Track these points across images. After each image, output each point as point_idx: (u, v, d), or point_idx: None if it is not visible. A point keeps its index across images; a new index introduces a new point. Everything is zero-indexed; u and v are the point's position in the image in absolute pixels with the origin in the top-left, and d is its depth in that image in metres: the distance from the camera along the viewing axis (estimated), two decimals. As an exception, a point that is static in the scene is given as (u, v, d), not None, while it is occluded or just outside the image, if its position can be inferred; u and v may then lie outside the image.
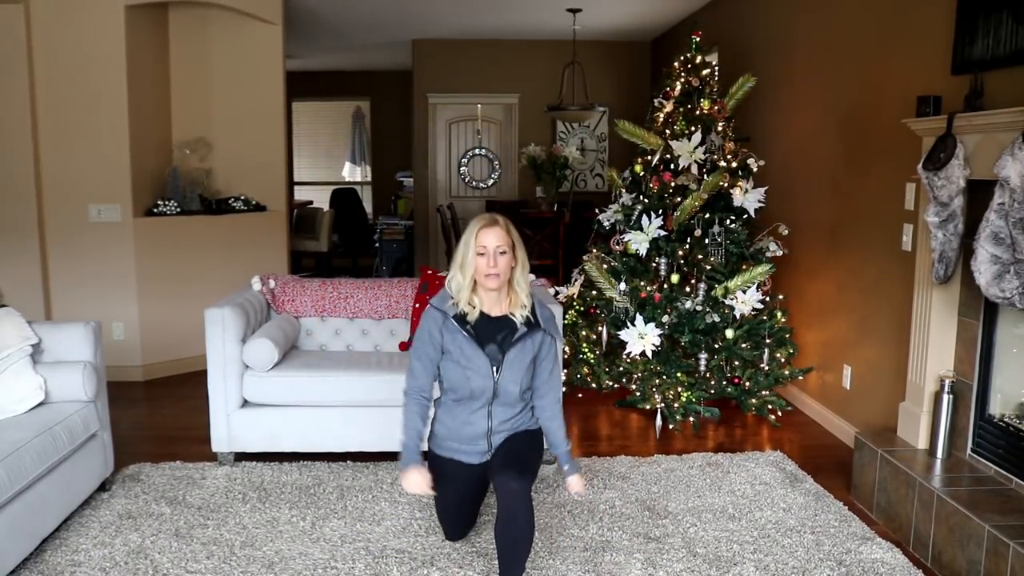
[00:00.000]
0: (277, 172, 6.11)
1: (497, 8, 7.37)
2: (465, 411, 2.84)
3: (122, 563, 2.99)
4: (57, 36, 5.09)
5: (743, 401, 4.73)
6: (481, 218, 2.76)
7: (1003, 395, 3.24)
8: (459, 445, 2.89)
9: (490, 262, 2.69)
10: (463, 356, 2.77)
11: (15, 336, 3.31)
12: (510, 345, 2.77)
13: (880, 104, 4.05)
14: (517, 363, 2.78)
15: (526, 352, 2.79)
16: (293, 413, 3.90)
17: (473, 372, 2.76)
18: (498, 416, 2.84)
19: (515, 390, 2.79)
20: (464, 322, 2.78)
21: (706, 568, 2.99)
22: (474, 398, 2.81)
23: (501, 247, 2.70)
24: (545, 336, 2.84)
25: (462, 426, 2.86)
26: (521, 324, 2.79)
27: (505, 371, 2.77)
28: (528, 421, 2.94)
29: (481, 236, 2.70)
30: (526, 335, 2.79)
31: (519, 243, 2.79)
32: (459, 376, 2.79)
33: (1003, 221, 2.79)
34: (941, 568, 3.01)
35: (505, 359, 2.77)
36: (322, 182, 12.37)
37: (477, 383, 2.77)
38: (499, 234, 2.71)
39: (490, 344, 2.78)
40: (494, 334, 2.79)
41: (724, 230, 4.70)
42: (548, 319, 2.86)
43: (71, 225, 5.26)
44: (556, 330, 2.90)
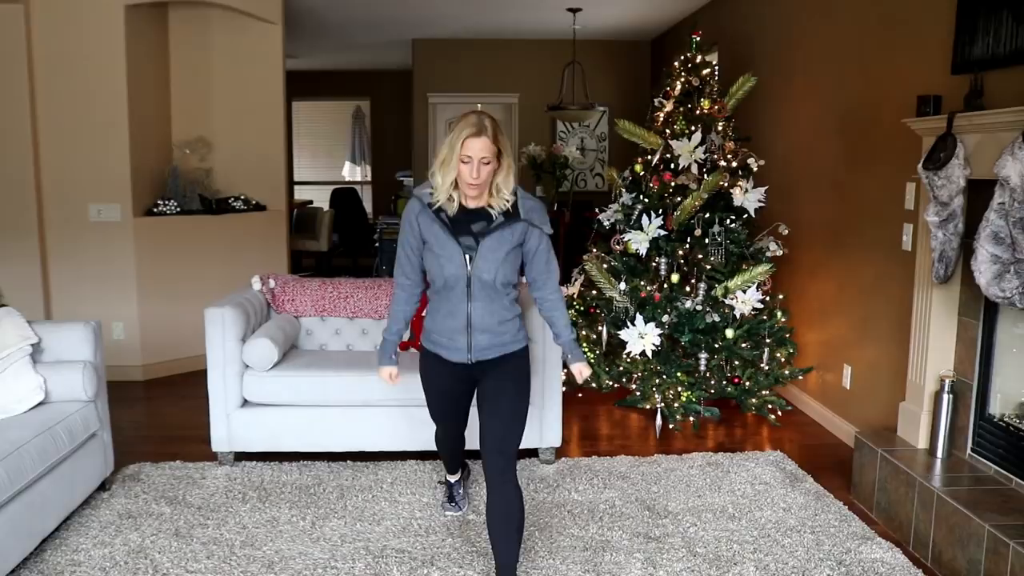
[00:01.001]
0: (277, 172, 6.10)
1: (497, 8, 7.37)
2: (446, 303, 2.80)
3: (122, 563, 2.99)
4: (57, 36, 5.09)
5: (743, 401, 4.73)
6: (469, 123, 2.62)
7: (1003, 395, 3.24)
8: (441, 338, 2.84)
9: (473, 172, 2.62)
10: (437, 244, 2.73)
11: (15, 336, 3.31)
12: (485, 234, 2.71)
13: (880, 104, 4.05)
14: (491, 253, 2.71)
15: (503, 242, 2.73)
16: (293, 413, 3.90)
17: (446, 260, 2.72)
18: (478, 310, 2.76)
19: (489, 279, 2.72)
20: (440, 211, 2.74)
21: (706, 568, 2.99)
22: (450, 288, 2.76)
23: (486, 158, 2.61)
24: (530, 228, 2.75)
25: (444, 318, 2.81)
26: (499, 215, 2.73)
27: (479, 260, 2.71)
28: (514, 335, 2.85)
29: (467, 144, 2.60)
30: (503, 225, 2.72)
31: (506, 148, 2.69)
32: (435, 264, 2.75)
33: (1003, 221, 2.79)
34: (941, 568, 3.01)
35: (479, 248, 2.71)
36: (322, 182, 12.37)
37: (450, 270, 2.72)
38: (485, 144, 2.60)
39: (465, 233, 2.73)
40: (470, 224, 2.73)
41: (724, 230, 4.70)
42: (531, 209, 2.77)
43: (71, 225, 5.26)
44: (542, 220, 2.79)
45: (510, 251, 2.74)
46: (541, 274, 2.84)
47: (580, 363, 2.87)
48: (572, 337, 2.87)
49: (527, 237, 2.77)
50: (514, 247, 2.75)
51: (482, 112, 2.72)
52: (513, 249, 2.75)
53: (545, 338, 3.84)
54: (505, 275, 2.75)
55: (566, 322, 2.88)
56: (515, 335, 2.85)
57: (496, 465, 2.70)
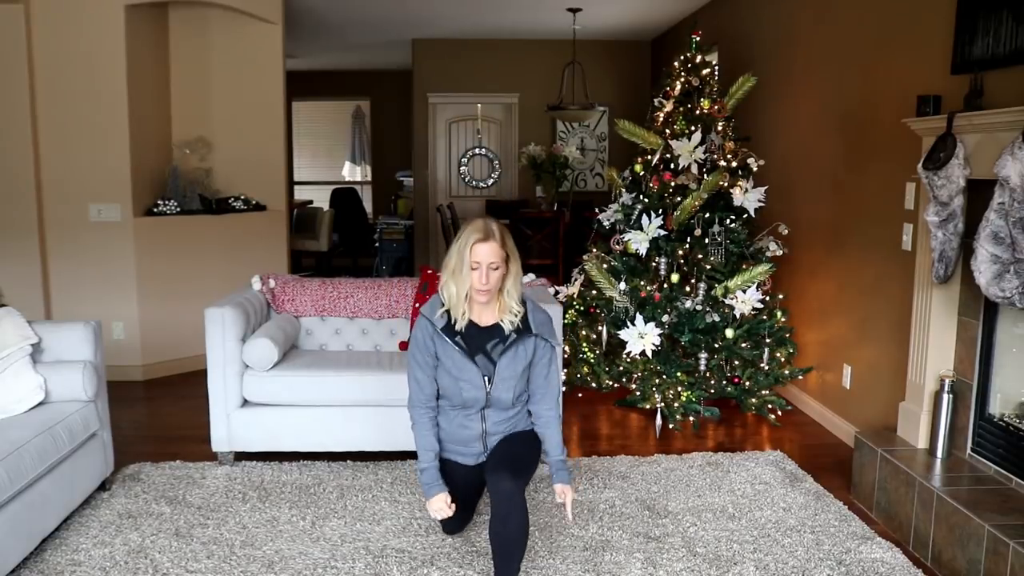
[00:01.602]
0: (277, 172, 6.10)
1: (497, 8, 7.37)
2: (460, 416, 2.86)
3: (122, 562, 2.99)
4: (57, 36, 5.09)
5: (743, 401, 4.73)
6: (476, 228, 2.68)
7: (1003, 395, 3.24)
8: (455, 447, 2.91)
9: (482, 278, 2.66)
10: (455, 367, 2.77)
11: (15, 335, 3.31)
12: (500, 354, 2.76)
13: (880, 104, 4.05)
14: (508, 371, 2.77)
15: (518, 359, 2.78)
16: (293, 413, 3.90)
17: (465, 383, 2.77)
18: (492, 420, 2.85)
19: (508, 398, 2.80)
20: (454, 333, 2.76)
21: (706, 568, 2.99)
22: (467, 406, 2.82)
23: (494, 263, 2.66)
24: (539, 341, 2.81)
25: (458, 429, 2.87)
26: (511, 331, 2.77)
27: (497, 380, 2.77)
28: (524, 422, 2.94)
29: (476, 250, 2.65)
30: (516, 341, 2.77)
31: (513, 253, 2.74)
32: (452, 386, 2.80)
33: (1003, 221, 2.79)
34: (941, 568, 3.01)
35: (496, 368, 2.76)
36: (322, 182, 12.37)
37: (469, 393, 2.78)
38: (493, 249, 2.65)
39: (480, 354, 2.77)
40: (484, 343, 2.77)
41: (724, 230, 4.70)
42: (542, 323, 2.82)
43: (71, 225, 5.26)
44: (552, 334, 2.84)
45: (526, 367, 2.80)
46: (539, 387, 2.87)
47: (564, 485, 2.83)
48: (562, 458, 2.86)
49: (535, 349, 2.82)
50: (528, 362, 2.80)
51: (487, 217, 2.77)
52: (527, 365, 2.81)
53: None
54: (521, 389, 2.84)
55: (558, 441, 2.88)
56: (525, 422, 2.94)
57: (504, 482, 2.62)
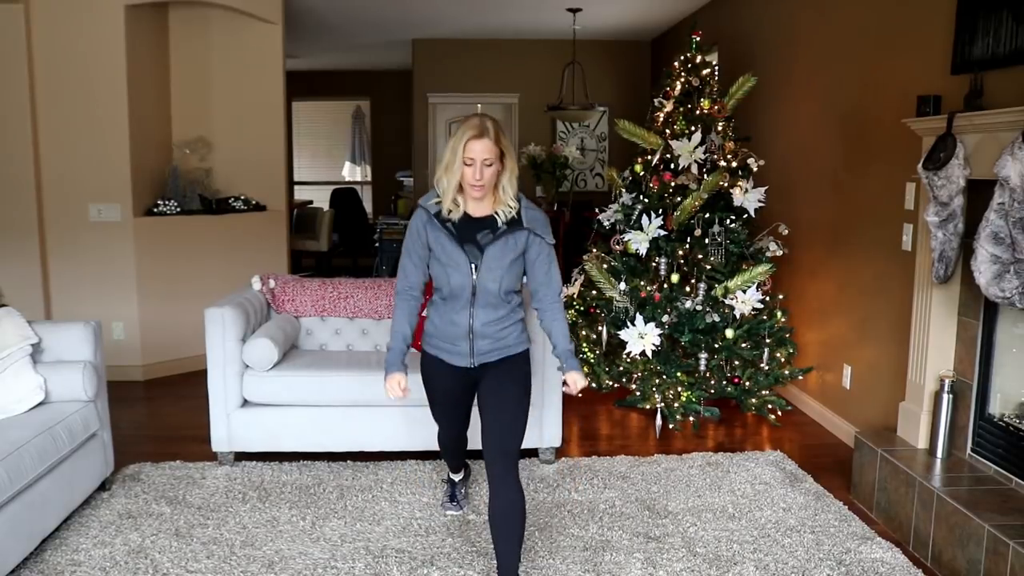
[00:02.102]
0: (277, 172, 6.10)
1: (497, 8, 7.37)
2: (450, 310, 2.82)
3: (122, 563, 2.99)
4: (57, 36, 5.09)
5: (743, 401, 4.73)
6: (471, 125, 2.66)
7: (1003, 395, 3.24)
8: (443, 343, 2.86)
9: (476, 173, 2.65)
10: (444, 253, 2.76)
11: (15, 336, 3.31)
12: (490, 242, 2.74)
13: (880, 104, 4.05)
14: (496, 261, 2.74)
15: (507, 251, 2.76)
16: (293, 413, 3.90)
17: (452, 269, 2.75)
18: (480, 317, 2.79)
19: (494, 288, 2.76)
20: (445, 220, 2.76)
21: (706, 568, 2.99)
22: (455, 296, 2.79)
23: (488, 160, 2.64)
24: (532, 236, 2.78)
25: (447, 325, 2.83)
26: (503, 223, 2.76)
27: (483, 269, 2.74)
28: (516, 338, 2.88)
29: (469, 146, 2.63)
30: (507, 233, 2.75)
31: (508, 150, 2.72)
32: (441, 273, 2.78)
33: (1003, 221, 2.79)
34: (941, 568, 3.01)
35: (484, 256, 2.74)
36: (322, 182, 12.37)
37: (456, 280, 2.75)
38: (487, 146, 2.63)
39: (470, 243, 2.75)
40: (475, 233, 2.76)
41: (724, 230, 4.70)
42: (534, 219, 2.80)
43: (71, 225, 5.26)
44: (546, 231, 2.82)
45: (514, 260, 2.77)
46: (542, 284, 2.85)
47: (575, 372, 2.82)
48: (569, 348, 2.84)
49: (529, 246, 2.79)
50: (517, 255, 2.78)
51: (483, 115, 2.75)
52: (516, 258, 2.78)
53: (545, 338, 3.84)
54: (509, 283, 2.79)
55: (564, 332, 2.86)
56: (517, 338, 2.88)
57: (499, 466, 2.70)
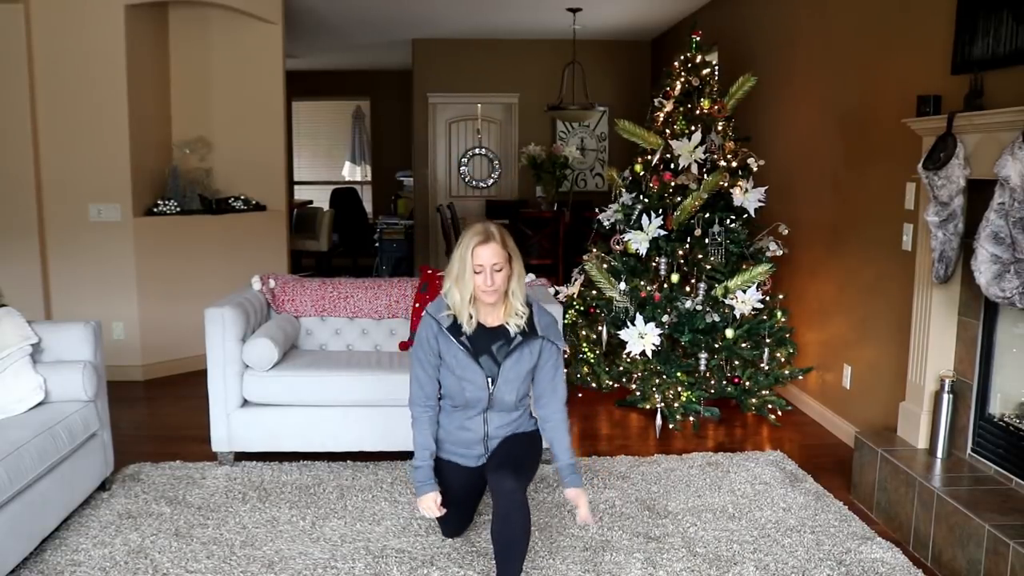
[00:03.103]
0: (277, 172, 6.10)
1: (497, 8, 7.37)
2: (462, 417, 2.86)
3: (122, 563, 2.99)
4: (57, 36, 5.09)
5: (743, 401, 4.73)
6: (476, 232, 2.68)
7: (1003, 395, 3.24)
8: (456, 448, 2.90)
9: (487, 280, 2.65)
10: (458, 367, 2.77)
11: (15, 336, 3.31)
12: (506, 355, 2.76)
13: (880, 104, 4.05)
14: (513, 373, 2.77)
15: (523, 362, 2.78)
16: (293, 413, 3.90)
17: (468, 383, 2.76)
18: (494, 422, 2.85)
19: (511, 400, 2.80)
20: (459, 332, 2.77)
21: (706, 568, 2.99)
22: (470, 406, 2.82)
23: (497, 264, 2.65)
24: (545, 343, 2.80)
25: (459, 431, 2.87)
26: (517, 333, 2.77)
27: (500, 382, 2.77)
28: (526, 424, 2.94)
29: (477, 253, 2.64)
30: (522, 344, 2.77)
31: (515, 253, 2.74)
32: (455, 385, 2.79)
33: (1003, 221, 2.79)
34: (941, 568, 3.01)
35: (501, 370, 2.76)
36: (322, 182, 12.37)
37: (472, 393, 2.77)
38: (495, 250, 2.65)
39: (485, 355, 2.77)
40: (489, 344, 2.77)
41: (724, 230, 4.70)
42: (547, 325, 2.82)
43: (71, 225, 5.26)
44: (558, 336, 2.84)
45: (530, 369, 2.80)
46: (546, 390, 2.85)
47: (577, 489, 2.79)
48: (571, 462, 2.82)
49: (541, 351, 2.81)
50: (533, 365, 2.80)
51: (485, 221, 2.78)
52: (532, 367, 2.81)
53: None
54: (524, 391, 2.83)
55: (567, 445, 2.85)
56: (527, 424, 2.94)
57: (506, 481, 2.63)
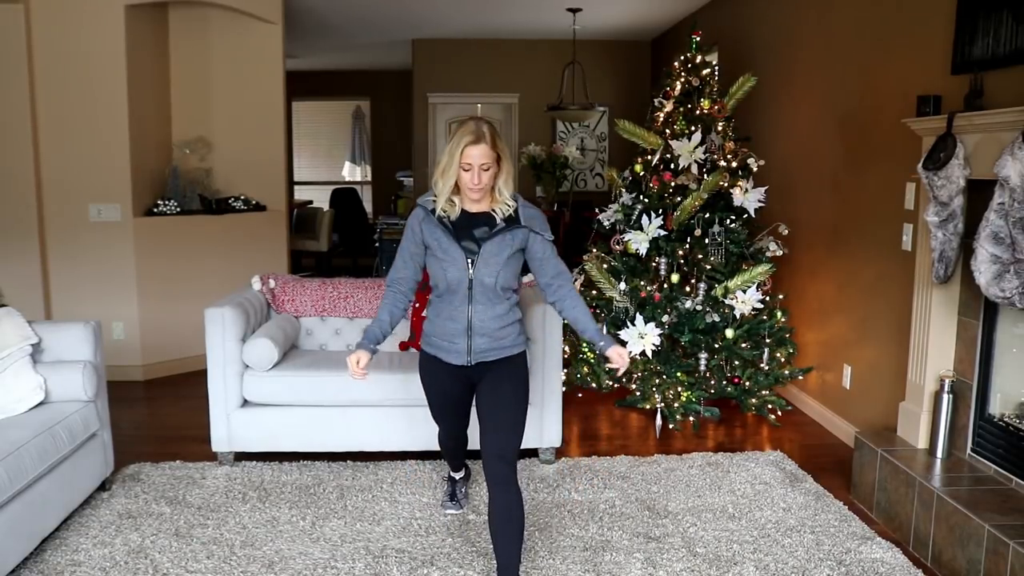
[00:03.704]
0: (277, 172, 6.10)
1: (497, 8, 7.37)
2: (447, 305, 2.83)
3: (122, 563, 2.99)
4: (57, 36, 5.09)
5: (743, 401, 4.73)
6: (468, 130, 2.69)
7: (1003, 395, 3.24)
8: (441, 341, 2.87)
9: (474, 178, 2.68)
10: (440, 249, 2.77)
11: (15, 336, 3.31)
12: (487, 238, 2.76)
13: (880, 104, 4.05)
14: (493, 257, 2.76)
15: (504, 246, 2.77)
16: (293, 413, 3.90)
17: (449, 264, 2.76)
18: (478, 313, 2.80)
19: (491, 282, 2.76)
20: (444, 217, 2.78)
21: (706, 568, 2.99)
22: (452, 291, 2.80)
23: (485, 164, 2.68)
24: (531, 234, 2.80)
25: (445, 321, 2.84)
26: (501, 220, 2.78)
27: (480, 264, 2.75)
28: (513, 339, 2.88)
29: (467, 152, 2.67)
30: (504, 230, 2.77)
31: (505, 153, 2.75)
32: (437, 269, 2.80)
33: (1003, 221, 2.79)
34: (941, 568, 3.01)
35: (480, 251, 2.75)
36: (322, 182, 12.37)
37: (452, 275, 2.76)
38: (484, 150, 2.67)
39: (467, 239, 2.77)
40: (472, 229, 2.78)
41: (724, 230, 4.70)
42: (531, 217, 2.82)
43: (71, 225, 5.26)
44: (543, 227, 2.85)
45: (511, 255, 2.79)
46: (555, 277, 2.87)
47: (615, 347, 2.81)
48: (598, 327, 2.88)
49: (530, 244, 2.81)
50: (515, 251, 2.80)
51: (480, 118, 2.78)
52: (514, 253, 2.80)
53: (544, 338, 3.85)
54: (506, 279, 2.80)
55: (589, 315, 2.88)
56: (515, 339, 2.88)
57: (497, 469, 2.70)
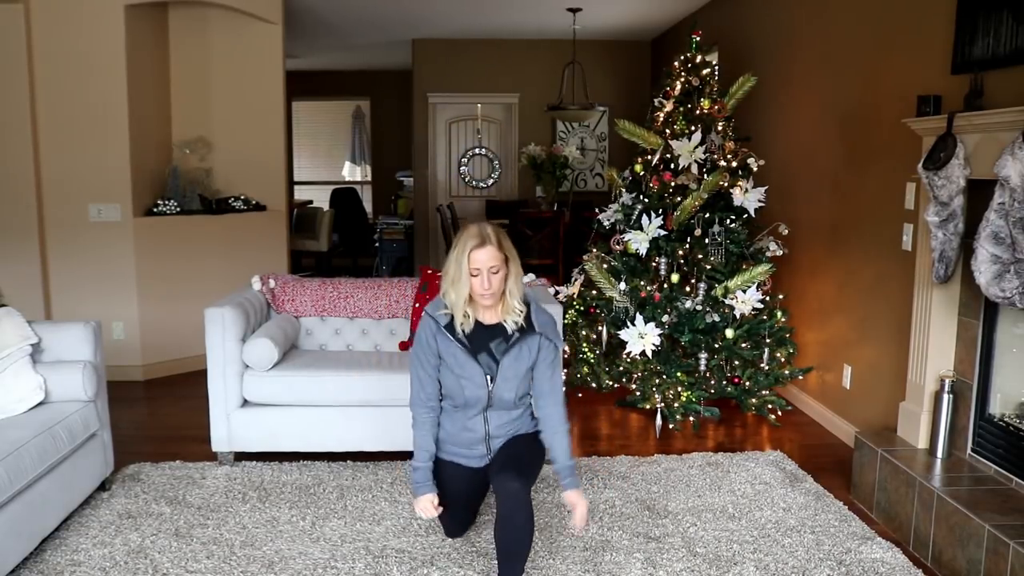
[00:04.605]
0: (277, 172, 6.11)
1: (497, 8, 7.37)
2: (463, 417, 2.85)
3: (122, 563, 2.99)
4: (57, 36, 5.09)
5: (743, 401, 4.73)
6: (471, 235, 2.68)
7: (1003, 395, 3.24)
8: (459, 449, 2.90)
9: (484, 283, 2.66)
10: (457, 365, 2.77)
11: (15, 336, 3.31)
12: (504, 353, 2.76)
13: (880, 104, 4.05)
14: (511, 371, 2.77)
15: (522, 359, 2.78)
16: (293, 413, 3.90)
17: (467, 381, 2.76)
18: (495, 421, 2.84)
19: (510, 398, 2.79)
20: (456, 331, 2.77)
21: (706, 568, 2.99)
22: (470, 406, 2.81)
23: (494, 267, 2.66)
24: (543, 340, 2.80)
25: (461, 431, 2.86)
26: (514, 331, 2.77)
27: (499, 380, 2.76)
28: (528, 424, 2.94)
29: (473, 257, 2.64)
30: (520, 341, 2.76)
31: (511, 254, 2.74)
32: (454, 384, 2.79)
33: (1003, 221, 2.79)
34: (941, 568, 3.01)
35: (499, 367, 2.76)
36: (322, 182, 12.37)
37: (471, 392, 2.77)
38: (491, 253, 2.65)
39: (483, 352, 2.77)
40: (488, 342, 2.77)
41: (724, 230, 4.70)
42: (545, 323, 2.81)
43: (71, 225, 5.26)
44: (556, 335, 2.84)
45: (529, 367, 2.80)
46: (544, 390, 2.84)
47: (576, 491, 2.76)
48: (570, 464, 2.80)
49: (539, 350, 2.80)
50: (532, 363, 2.80)
51: (481, 223, 2.76)
52: (531, 365, 2.80)
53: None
54: (523, 390, 2.83)
55: (566, 446, 2.82)
56: (527, 423, 2.93)
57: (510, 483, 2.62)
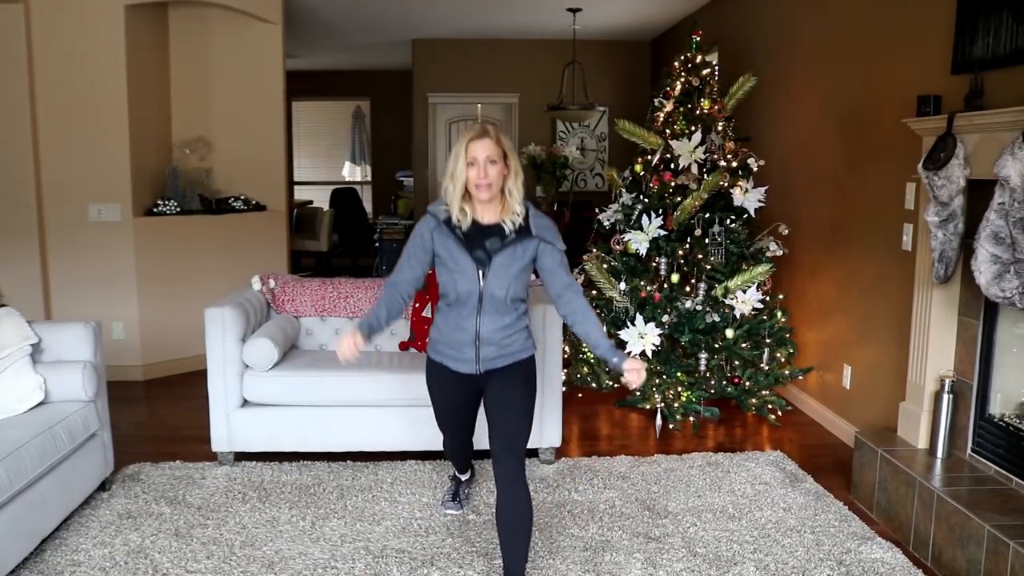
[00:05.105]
0: (277, 172, 6.10)
1: (497, 8, 7.37)
2: (456, 315, 2.83)
3: (122, 563, 2.99)
4: (57, 36, 5.09)
5: (743, 401, 4.73)
6: (471, 129, 2.73)
7: (1003, 395, 3.24)
8: (449, 350, 2.87)
9: (480, 173, 2.67)
10: (451, 259, 2.77)
11: (15, 336, 3.31)
12: (498, 250, 2.75)
13: (880, 104, 4.05)
14: (504, 268, 2.75)
15: (515, 258, 2.76)
16: (293, 413, 3.90)
17: (459, 275, 2.76)
18: (487, 324, 2.79)
19: (501, 295, 2.76)
20: (454, 227, 2.78)
21: (706, 568, 2.99)
22: (462, 302, 2.79)
23: (491, 157, 2.67)
24: (543, 244, 2.79)
25: (453, 330, 2.84)
26: (511, 231, 2.77)
27: (491, 275, 2.74)
28: (521, 344, 2.88)
29: (471, 147, 2.68)
30: (515, 241, 2.76)
31: (512, 151, 2.76)
32: (448, 279, 2.79)
33: (1003, 221, 2.79)
34: (941, 568, 3.01)
35: (492, 263, 2.74)
36: (322, 182, 12.37)
37: (463, 286, 2.76)
38: (488, 145, 2.67)
39: (478, 249, 2.76)
40: (483, 240, 2.77)
41: (724, 230, 4.70)
42: (543, 227, 2.81)
43: (71, 225, 5.26)
44: (554, 237, 2.83)
45: (522, 268, 2.78)
46: (566, 288, 2.83)
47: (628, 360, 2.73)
48: (610, 344, 2.79)
49: (540, 255, 2.79)
50: (526, 264, 2.78)
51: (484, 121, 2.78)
52: (525, 266, 2.78)
53: (544, 338, 3.84)
54: (516, 291, 2.79)
55: (602, 331, 2.82)
56: (523, 344, 2.88)
57: (507, 466, 2.70)
